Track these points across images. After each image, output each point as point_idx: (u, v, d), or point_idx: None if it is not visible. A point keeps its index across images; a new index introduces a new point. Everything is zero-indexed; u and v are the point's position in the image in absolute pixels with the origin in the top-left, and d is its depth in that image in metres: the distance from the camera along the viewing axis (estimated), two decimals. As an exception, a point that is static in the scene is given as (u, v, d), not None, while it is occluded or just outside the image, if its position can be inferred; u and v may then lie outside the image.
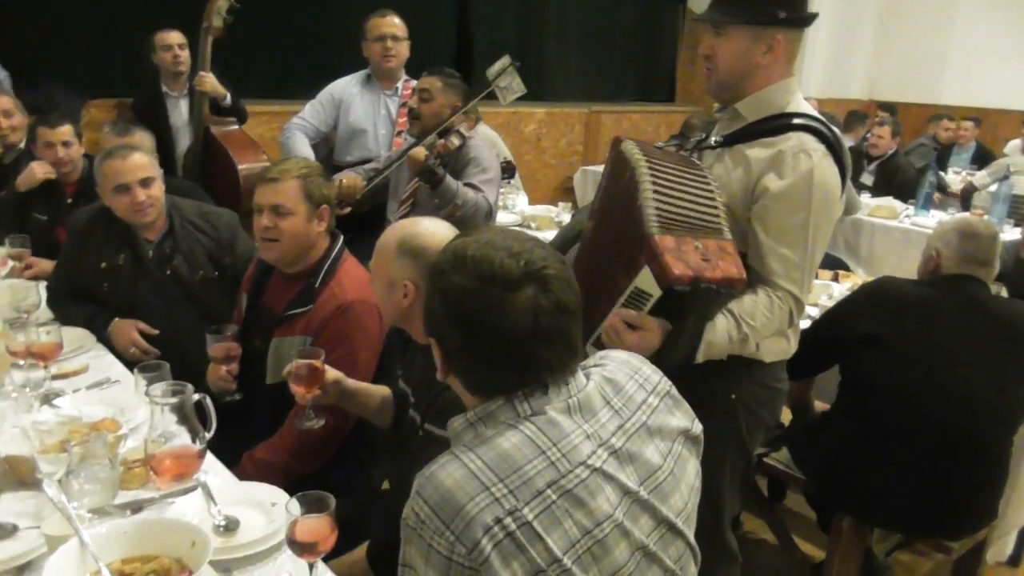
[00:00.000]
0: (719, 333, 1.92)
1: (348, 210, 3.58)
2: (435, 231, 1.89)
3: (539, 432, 1.17)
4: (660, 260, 1.73)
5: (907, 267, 5.28)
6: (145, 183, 2.74)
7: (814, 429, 2.76)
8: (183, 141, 4.69)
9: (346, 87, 4.17)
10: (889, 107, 8.39)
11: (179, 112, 4.69)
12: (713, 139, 2.11)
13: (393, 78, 4.18)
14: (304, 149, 4.02)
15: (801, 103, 2.05)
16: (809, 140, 1.95)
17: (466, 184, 3.38)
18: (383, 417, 2.16)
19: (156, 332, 2.77)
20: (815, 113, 2.06)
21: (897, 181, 6.24)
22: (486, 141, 3.64)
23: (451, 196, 3.29)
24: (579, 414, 1.22)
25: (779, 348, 2.12)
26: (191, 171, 4.55)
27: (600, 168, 6.89)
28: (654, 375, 1.38)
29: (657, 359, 1.75)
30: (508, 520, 1.09)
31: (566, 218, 4.80)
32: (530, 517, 1.10)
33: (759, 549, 3.27)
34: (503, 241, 1.23)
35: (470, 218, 3.32)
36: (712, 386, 2.04)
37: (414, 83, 4.13)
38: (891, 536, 2.89)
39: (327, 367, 2.03)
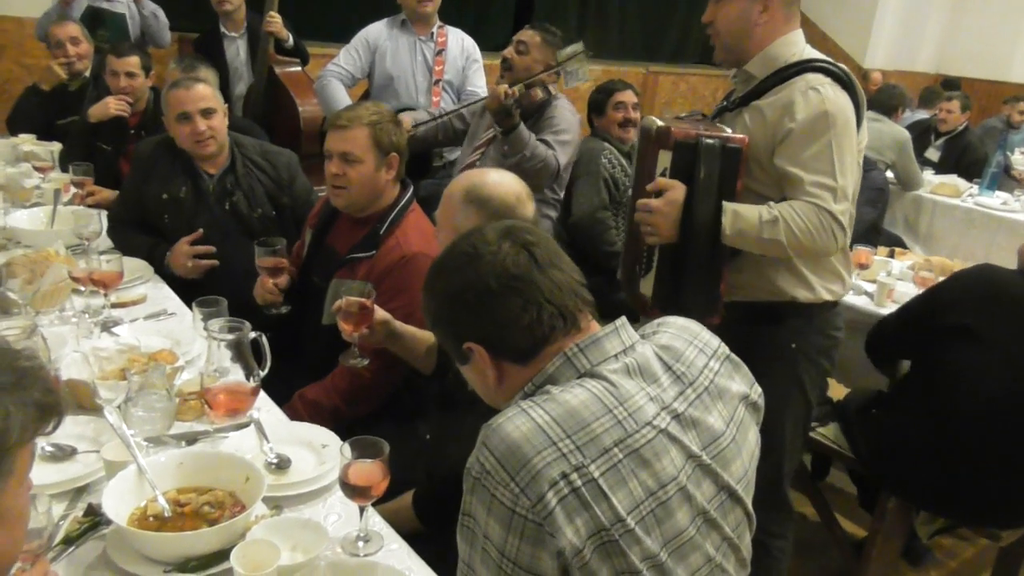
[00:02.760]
0: (748, 209, 2.03)
1: None
2: (501, 181, 1.87)
3: (605, 391, 1.16)
4: (662, 129, 2.05)
5: (967, 247, 5.18)
6: (206, 113, 2.75)
7: (870, 407, 2.71)
8: (239, 81, 4.67)
9: (380, 33, 4.05)
10: (952, 83, 8.05)
11: (236, 52, 4.66)
12: (728, 101, 2.24)
13: (428, 23, 4.04)
14: (341, 96, 3.94)
15: (807, 52, 2.14)
16: (813, 76, 2.05)
17: (539, 139, 3.33)
18: (428, 363, 2.17)
19: (211, 249, 2.78)
20: (821, 56, 2.13)
21: (965, 159, 6.04)
22: (574, 108, 3.55)
23: (522, 146, 3.24)
24: (640, 377, 1.21)
25: (836, 287, 2.21)
26: (253, 110, 4.54)
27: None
28: (712, 339, 1.36)
29: (687, 223, 2.03)
30: (574, 476, 1.08)
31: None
32: (596, 474, 1.09)
33: (800, 524, 3.23)
34: (459, 238, 1.32)
35: (536, 174, 3.26)
36: (773, 338, 2.16)
37: (448, 30, 4.06)
38: (936, 519, 2.85)
39: (376, 307, 2.03)
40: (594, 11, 8.64)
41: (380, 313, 2.05)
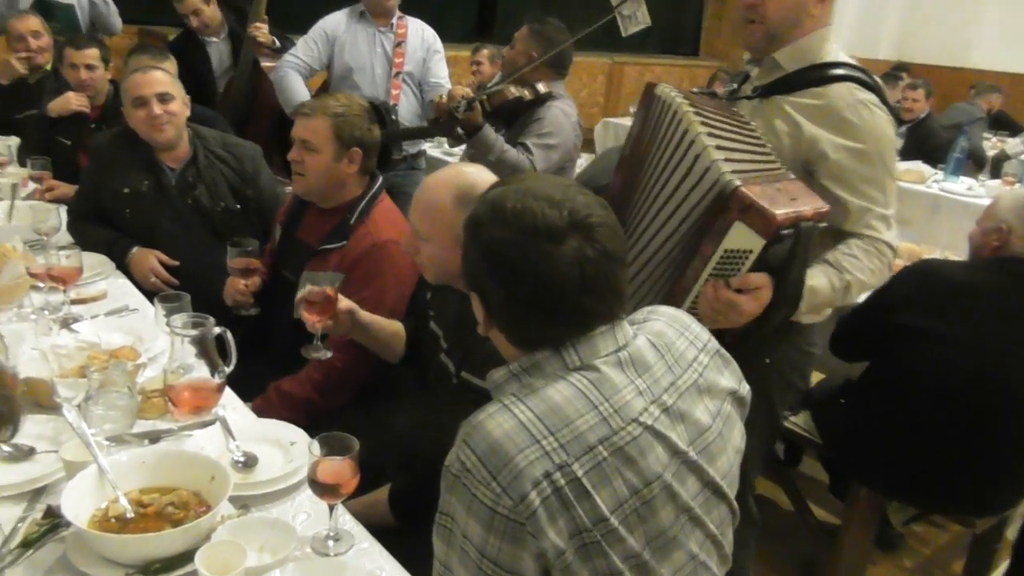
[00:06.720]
0: (819, 279, 1.85)
1: None
2: (486, 180, 1.75)
3: (591, 386, 1.12)
4: (757, 207, 1.59)
5: (933, 233, 5.21)
6: (163, 98, 2.69)
7: (838, 396, 2.68)
8: (223, 84, 4.53)
9: (339, 24, 3.96)
10: (903, 67, 8.01)
11: (219, 55, 4.49)
12: (751, 89, 2.02)
13: (389, 15, 3.96)
14: (298, 87, 3.86)
15: (838, 52, 1.98)
16: (860, 91, 1.89)
17: (519, 143, 3.18)
18: (395, 353, 2.15)
19: (176, 263, 2.74)
20: (853, 62, 1.97)
21: (928, 146, 6.09)
22: (572, 111, 3.34)
23: (485, 149, 3.09)
24: (631, 368, 1.17)
25: (821, 313, 2.06)
26: (235, 99, 4.38)
27: (622, 121, 6.77)
28: (703, 333, 1.33)
29: (761, 318, 1.73)
30: (557, 475, 1.05)
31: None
32: (580, 473, 1.06)
33: (773, 513, 3.24)
34: (542, 189, 1.17)
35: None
36: (749, 350, 1.91)
37: (407, 21, 3.99)
38: (909, 507, 2.85)
39: (340, 297, 1.99)
40: (559, 1, 8.61)
41: (344, 302, 2.00)
